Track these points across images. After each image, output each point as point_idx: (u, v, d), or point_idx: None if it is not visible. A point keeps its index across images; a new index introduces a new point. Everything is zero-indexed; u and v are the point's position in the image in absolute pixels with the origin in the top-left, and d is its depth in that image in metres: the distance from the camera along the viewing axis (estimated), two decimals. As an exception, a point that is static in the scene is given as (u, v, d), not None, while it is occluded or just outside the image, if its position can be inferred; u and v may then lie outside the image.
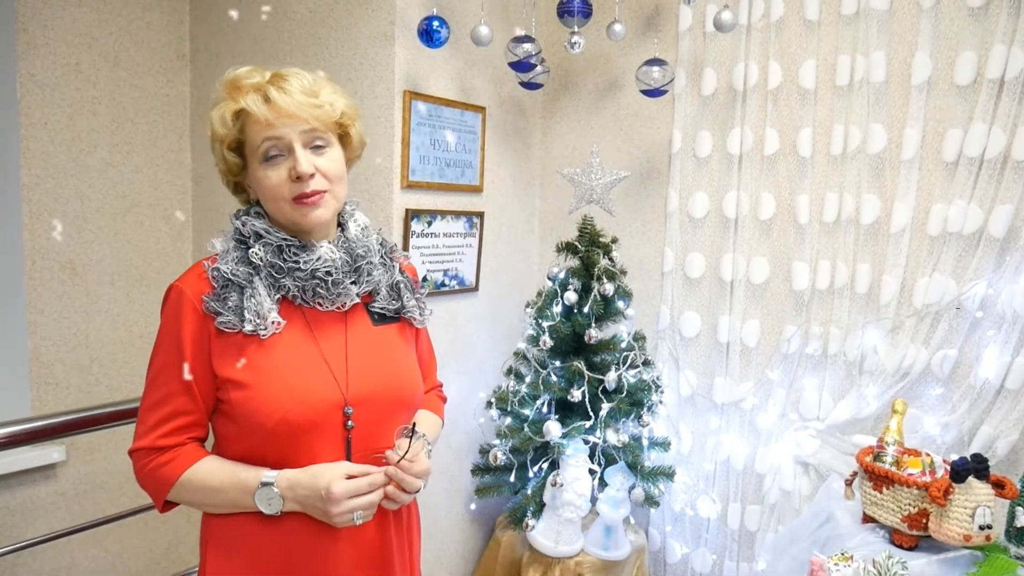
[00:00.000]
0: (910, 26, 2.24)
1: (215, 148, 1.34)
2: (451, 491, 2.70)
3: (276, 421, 1.25)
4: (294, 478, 1.26)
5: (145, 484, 1.32)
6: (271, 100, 1.28)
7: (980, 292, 2.15)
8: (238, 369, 1.27)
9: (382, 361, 1.40)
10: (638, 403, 2.49)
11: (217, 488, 1.28)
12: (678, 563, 2.76)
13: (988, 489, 1.68)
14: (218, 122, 1.31)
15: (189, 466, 1.28)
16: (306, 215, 1.31)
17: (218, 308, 1.27)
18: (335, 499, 1.22)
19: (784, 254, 2.50)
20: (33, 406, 2.54)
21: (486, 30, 2.34)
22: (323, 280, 1.33)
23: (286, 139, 1.29)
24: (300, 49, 2.53)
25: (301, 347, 1.32)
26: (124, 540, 2.80)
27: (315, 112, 1.30)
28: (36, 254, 2.54)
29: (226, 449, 1.33)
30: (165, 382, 1.28)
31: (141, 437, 1.30)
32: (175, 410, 1.29)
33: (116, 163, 2.73)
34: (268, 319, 1.28)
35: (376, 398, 1.36)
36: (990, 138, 2.10)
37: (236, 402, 1.27)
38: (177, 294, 1.28)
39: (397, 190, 2.35)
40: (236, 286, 1.29)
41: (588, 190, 2.57)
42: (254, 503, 1.27)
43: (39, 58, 2.49)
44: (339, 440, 1.31)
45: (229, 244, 1.33)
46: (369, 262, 1.40)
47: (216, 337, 1.28)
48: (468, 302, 2.71)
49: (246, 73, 1.31)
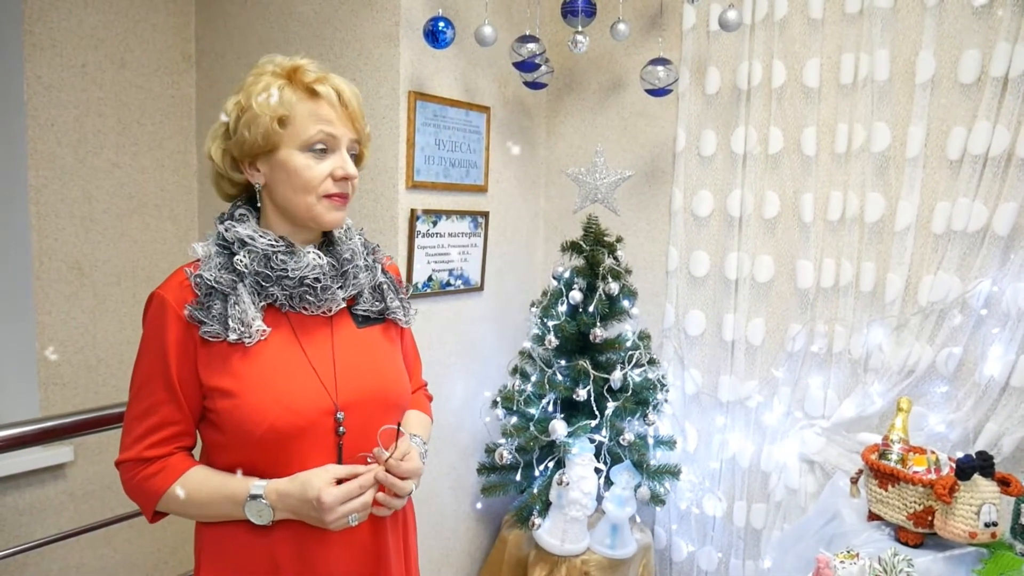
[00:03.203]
0: (914, 24, 2.24)
1: (259, 122, 1.26)
2: (457, 490, 2.71)
3: (265, 429, 1.24)
4: (283, 489, 1.24)
5: (133, 496, 1.31)
6: (345, 102, 1.32)
7: (985, 290, 2.15)
8: (224, 378, 1.25)
9: (369, 364, 1.39)
10: (644, 402, 2.49)
11: (206, 501, 1.27)
12: (684, 561, 2.77)
13: (993, 486, 1.69)
14: (275, 97, 1.27)
15: (177, 478, 1.27)
16: (332, 212, 1.32)
17: (202, 317, 1.24)
18: (327, 508, 1.21)
19: (789, 252, 2.50)
20: (41, 406, 2.56)
21: (490, 30, 2.34)
22: (311, 287, 1.32)
23: (340, 139, 1.31)
24: (305, 50, 2.53)
25: (287, 354, 1.30)
26: (133, 540, 2.82)
27: (362, 125, 1.37)
28: (43, 255, 2.55)
29: (214, 457, 1.31)
30: (150, 392, 1.26)
31: (127, 448, 1.28)
32: (161, 420, 1.27)
33: (123, 164, 2.75)
34: (253, 327, 1.26)
35: (365, 402, 1.34)
36: (994, 136, 2.09)
37: (224, 411, 1.25)
38: (159, 302, 1.26)
39: (402, 190, 2.36)
40: (220, 294, 1.26)
41: (592, 189, 2.58)
42: (244, 514, 1.26)
43: (45, 60, 2.50)
44: (330, 446, 1.30)
45: (211, 250, 1.30)
46: (356, 266, 1.39)
47: (201, 346, 1.26)
48: (473, 302, 2.72)
49: (306, 63, 1.32)
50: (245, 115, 1.28)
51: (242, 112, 1.29)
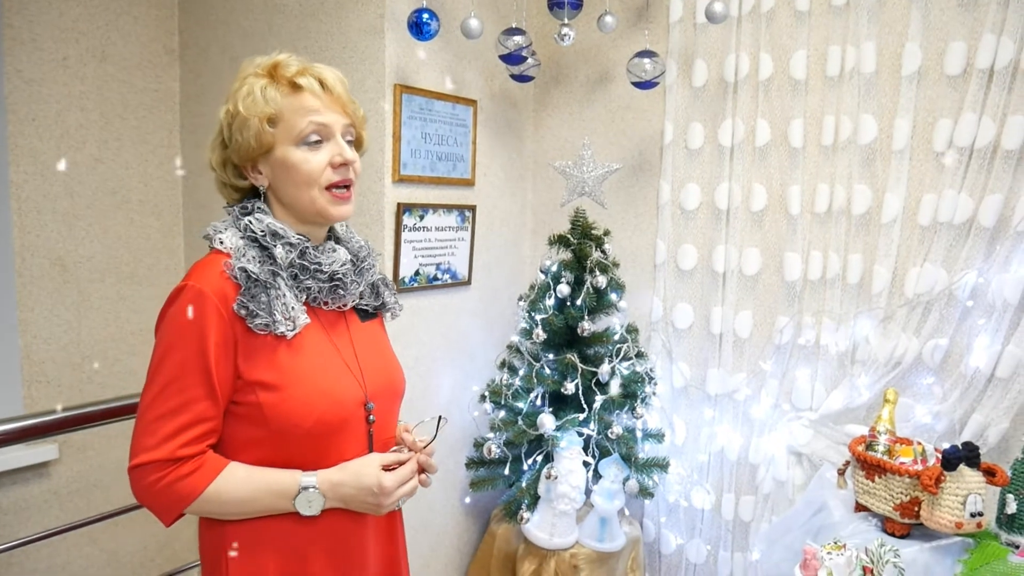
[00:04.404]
0: (900, 16, 2.24)
1: (247, 124, 1.27)
2: (446, 484, 2.70)
3: (313, 422, 1.26)
4: (335, 479, 1.28)
5: (158, 498, 1.22)
6: (327, 87, 1.31)
7: (971, 281, 2.15)
8: (268, 371, 1.24)
9: (380, 356, 1.45)
10: (632, 395, 2.49)
11: (249, 497, 1.25)
12: (673, 554, 2.78)
13: (979, 477, 1.69)
14: (259, 98, 1.27)
15: (215, 476, 1.22)
16: (337, 207, 1.33)
17: (255, 309, 1.23)
18: (388, 492, 1.29)
19: (776, 245, 2.50)
20: (25, 404, 2.53)
21: (476, 23, 2.33)
22: (341, 281, 1.35)
23: (332, 127, 1.31)
24: (289, 43, 2.51)
25: (322, 347, 1.33)
26: (118, 538, 2.80)
27: (353, 107, 1.36)
28: (26, 251, 2.52)
29: (242, 453, 1.28)
30: (183, 388, 1.20)
31: (152, 449, 1.19)
32: (196, 417, 1.21)
33: (105, 159, 2.72)
34: (299, 320, 1.28)
35: (384, 391, 1.41)
36: (980, 128, 2.10)
37: (267, 405, 1.24)
38: (196, 294, 1.21)
39: (389, 184, 2.34)
40: (262, 285, 1.25)
41: (580, 183, 2.57)
42: (292, 507, 1.27)
43: (25, 53, 2.47)
44: (363, 435, 1.36)
45: (238, 242, 1.28)
46: (368, 262, 1.44)
47: (243, 339, 1.24)
48: (461, 296, 2.71)
49: (285, 59, 1.32)
50: (236, 121, 1.29)
51: (232, 118, 1.29)
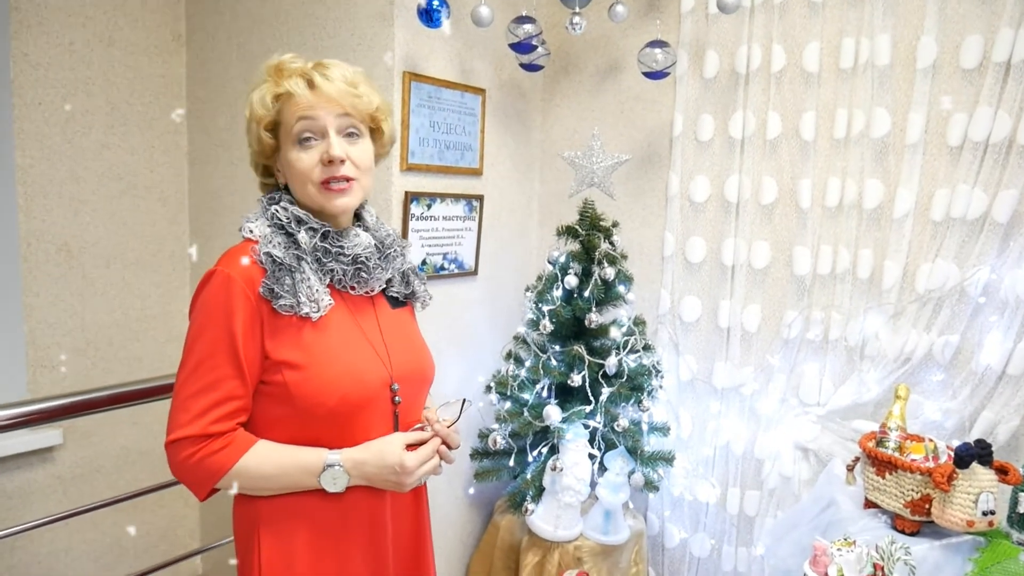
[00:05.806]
0: (916, 8, 2.21)
1: (251, 128, 1.37)
2: (450, 475, 2.69)
3: (336, 400, 1.31)
4: (359, 457, 1.33)
5: (191, 473, 1.29)
6: (315, 85, 1.33)
7: (983, 278, 2.13)
8: (294, 351, 1.30)
9: (408, 342, 1.50)
10: (638, 388, 2.48)
11: (276, 473, 1.31)
12: (676, 548, 2.77)
13: (992, 475, 1.68)
14: (258, 103, 1.35)
15: (244, 452, 1.29)
16: (332, 200, 1.35)
17: (279, 291, 1.29)
18: (410, 471, 1.34)
19: (786, 239, 2.48)
20: (29, 389, 2.53)
21: (487, 10, 2.31)
22: (364, 264, 1.40)
23: (321, 122, 1.33)
24: (297, 30, 2.49)
25: (347, 329, 1.38)
26: (122, 523, 2.80)
27: (353, 100, 1.36)
28: (31, 236, 2.51)
29: (270, 431, 1.34)
30: (213, 367, 1.27)
31: (186, 425, 1.27)
32: (227, 395, 1.28)
33: (111, 145, 2.70)
34: (323, 301, 1.33)
35: (411, 375, 1.45)
36: (995, 122, 2.07)
37: (292, 384, 1.29)
38: (224, 279, 1.29)
39: (396, 172, 2.33)
40: (287, 269, 1.31)
41: (589, 173, 2.55)
42: (318, 483, 1.32)
43: (32, 37, 2.45)
44: (388, 415, 1.41)
45: (265, 230, 1.34)
46: (395, 249, 1.48)
47: (269, 320, 1.30)
48: (467, 286, 2.70)
49: (290, 59, 1.37)
50: (248, 126, 1.38)
51: (247, 124, 1.38)
